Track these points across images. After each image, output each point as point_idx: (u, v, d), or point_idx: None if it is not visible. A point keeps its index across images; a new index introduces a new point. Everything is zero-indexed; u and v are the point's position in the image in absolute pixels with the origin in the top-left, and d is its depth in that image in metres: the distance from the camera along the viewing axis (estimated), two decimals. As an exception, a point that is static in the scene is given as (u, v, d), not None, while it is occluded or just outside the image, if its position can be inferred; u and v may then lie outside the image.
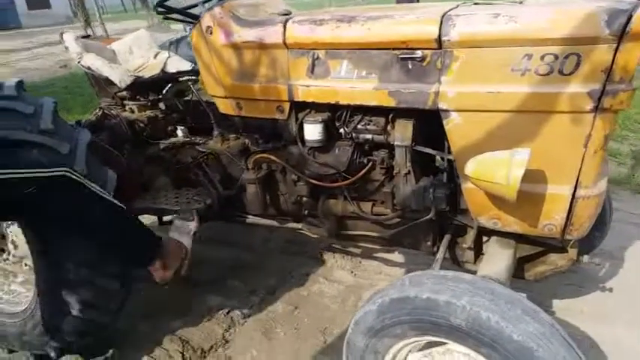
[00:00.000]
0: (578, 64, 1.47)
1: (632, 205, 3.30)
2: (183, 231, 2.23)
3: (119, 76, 2.47)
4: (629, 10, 1.39)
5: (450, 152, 1.79)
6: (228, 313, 2.59)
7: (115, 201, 1.88)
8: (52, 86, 9.58)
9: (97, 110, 2.68)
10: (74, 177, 1.70)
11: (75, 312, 2.02)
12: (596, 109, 1.48)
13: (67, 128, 2.06)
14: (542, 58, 1.50)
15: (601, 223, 2.39)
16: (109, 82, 2.58)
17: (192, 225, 2.26)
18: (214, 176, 2.46)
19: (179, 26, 8.34)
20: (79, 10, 20.44)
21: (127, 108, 2.73)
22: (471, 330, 1.37)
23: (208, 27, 2.08)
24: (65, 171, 1.67)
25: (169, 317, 2.57)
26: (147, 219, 3.36)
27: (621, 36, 1.39)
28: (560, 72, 1.49)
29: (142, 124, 2.67)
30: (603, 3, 1.47)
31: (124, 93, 2.68)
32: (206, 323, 2.53)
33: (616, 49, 1.42)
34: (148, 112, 2.71)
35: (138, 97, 2.71)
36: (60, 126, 2.00)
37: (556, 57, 1.49)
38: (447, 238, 2.07)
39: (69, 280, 1.98)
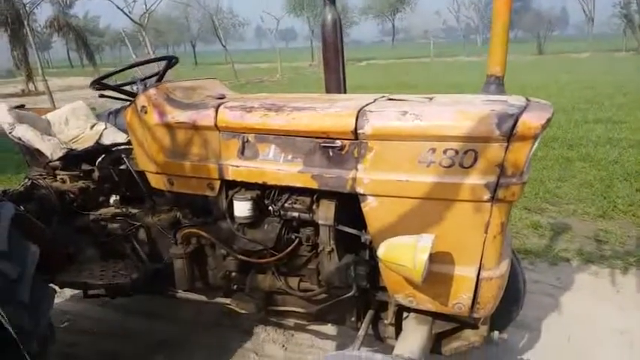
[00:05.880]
0: (475, 159, 1.65)
1: (549, 277, 3.52)
2: None
3: (51, 149, 2.47)
4: (515, 114, 1.60)
5: (368, 233, 1.91)
6: (151, 392, 2.50)
7: None
8: (-14, 143, 9.24)
9: (26, 180, 2.65)
10: None
11: None
12: (493, 199, 1.65)
13: (-11, 203, 2.02)
14: (444, 152, 1.67)
15: (516, 298, 2.54)
16: (41, 153, 2.57)
17: None
18: (143, 249, 2.45)
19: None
20: (22, 65, 20.17)
21: (58, 178, 2.71)
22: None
23: (143, 107, 2.16)
24: None
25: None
26: (72, 290, 3.27)
27: (509, 137, 1.59)
28: (461, 165, 1.66)
29: (72, 195, 2.65)
30: (497, 106, 1.68)
31: (56, 163, 2.67)
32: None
33: (506, 148, 1.61)
34: (80, 183, 2.70)
35: (70, 167, 2.70)
36: (-18, 201, 1.97)
37: (456, 152, 1.66)
38: (369, 314, 2.15)
39: None
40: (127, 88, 2.48)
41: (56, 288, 2.40)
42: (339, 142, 1.83)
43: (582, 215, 4.59)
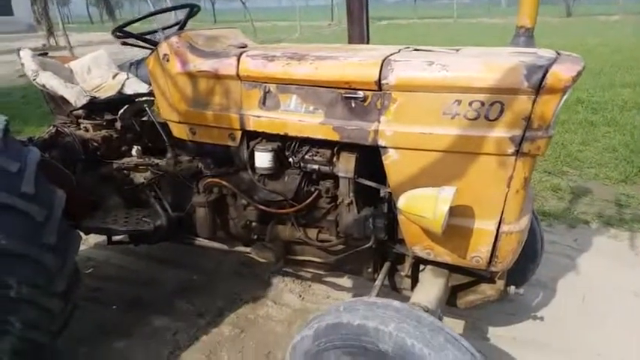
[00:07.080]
0: (501, 112, 1.62)
1: (567, 238, 3.51)
2: None
3: (74, 96, 2.49)
4: (545, 66, 1.56)
5: (388, 186, 1.91)
6: (174, 334, 2.60)
7: None
8: (9, 95, 9.36)
9: (51, 128, 2.68)
10: None
11: (15, 331, 2.00)
12: (517, 152, 1.63)
13: (17, 147, 2.06)
14: (470, 104, 1.65)
15: (533, 256, 2.55)
16: (65, 101, 2.60)
17: None
18: (165, 198, 2.50)
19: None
20: (43, 19, 20.09)
21: (81, 127, 2.74)
22: (396, 356, 1.46)
23: (165, 55, 2.15)
24: None
25: (113, 338, 2.56)
26: (96, 238, 3.37)
27: (538, 89, 1.55)
28: (486, 118, 1.64)
29: (95, 144, 2.69)
30: (526, 57, 1.64)
31: (80, 112, 2.70)
32: (151, 344, 2.53)
33: (534, 100, 1.57)
34: (103, 132, 2.73)
35: (93, 116, 2.73)
36: (10, 145, 2.00)
37: (482, 104, 1.63)
38: (386, 265, 2.18)
39: (11, 299, 1.96)
40: (149, 37, 2.47)
41: (81, 234, 2.47)
42: (361, 93, 1.81)
43: (604, 179, 4.53)
